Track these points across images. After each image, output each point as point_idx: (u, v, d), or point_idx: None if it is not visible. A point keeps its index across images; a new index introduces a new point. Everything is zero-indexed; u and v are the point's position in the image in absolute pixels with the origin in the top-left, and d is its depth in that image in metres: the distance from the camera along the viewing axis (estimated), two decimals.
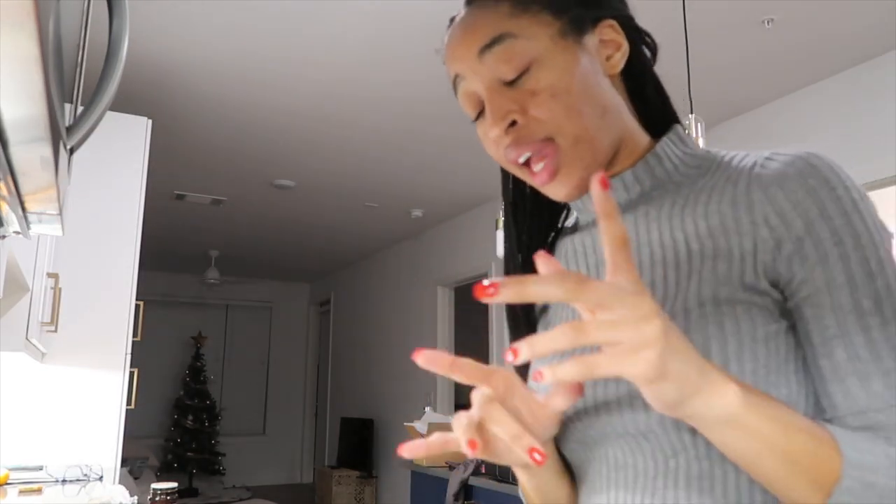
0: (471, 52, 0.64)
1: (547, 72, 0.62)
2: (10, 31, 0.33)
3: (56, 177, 0.58)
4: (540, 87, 0.62)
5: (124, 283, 2.98)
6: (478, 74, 0.64)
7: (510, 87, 0.63)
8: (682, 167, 0.67)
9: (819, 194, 0.56)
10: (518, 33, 0.63)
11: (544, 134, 0.62)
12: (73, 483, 2.51)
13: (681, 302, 0.59)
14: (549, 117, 0.62)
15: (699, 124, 2.13)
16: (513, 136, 0.63)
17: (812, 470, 0.48)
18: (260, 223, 5.81)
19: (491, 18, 0.64)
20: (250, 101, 3.35)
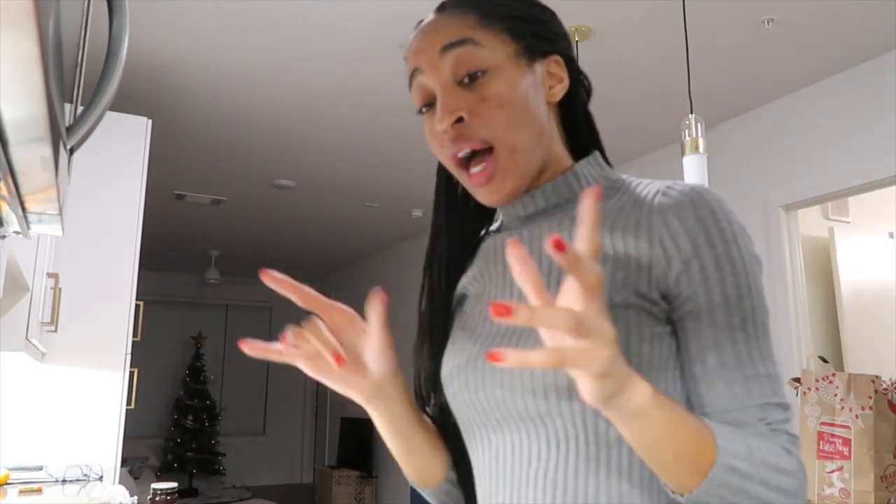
0: (434, 48, 0.71)
1: (498, 82, 0.69)
2: (10, 31, 0.33)
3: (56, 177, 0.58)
4: (490, 94, 0.69)
5: (124, 283, 2.98)
6: (435, 70, 0.70)
7: (462, 87, 0.70)
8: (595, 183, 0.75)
9: (706, 223, 0.65)
10: (480, 42, 0.70)
11: (485, 137, 0.69)
12: (73, 483, 2.51)
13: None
14: (493, 123, 0.69)
15: (699, 124, 2.13)
16: (456, 131, 0.69)
17: (696, 456, 0.56)
18: (260, 223, 5.81)
19: (457, 24, 0.71)
20: (250, 100, 3.35)
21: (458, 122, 0.69)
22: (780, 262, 3.20)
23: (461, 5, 0.73)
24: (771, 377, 0.63)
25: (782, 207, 3.23)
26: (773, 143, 3.30)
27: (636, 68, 2.95)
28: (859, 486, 2.27)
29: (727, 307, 0.63)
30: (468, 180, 0.71)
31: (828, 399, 2.39)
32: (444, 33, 0.71)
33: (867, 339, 3.44)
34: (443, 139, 0.71)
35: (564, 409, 0.64)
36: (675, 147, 3.69)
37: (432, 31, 0.72)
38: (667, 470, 0.57)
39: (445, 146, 0.71)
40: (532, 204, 0.75)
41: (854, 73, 2.95)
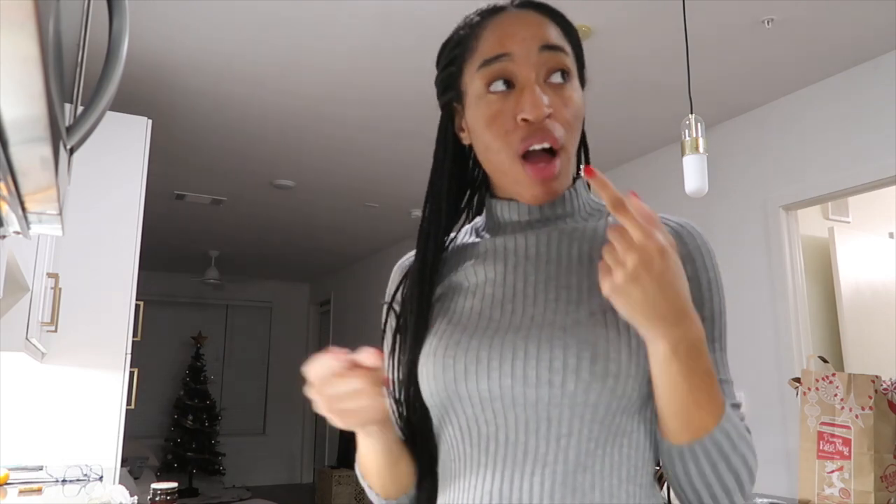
0: (534, 42, 0.73)
1: (576, 92, 0.75)
2: (10, 31, 0.33)
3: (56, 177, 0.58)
4: (570, 102, 0.74)
5: (124, 283, 2.98)
6: (529, 63, 0.73)
7: (548, 85, 0.73)
8: (586, 206, 0.81)
9: (702, 251, 0.75)
10: (568, 52, 0.75)
11: (561, 136, 0.73)
12: (73, 483, 2.51)
13: (586, 307, 0.71)
14: (567, 127, 0.73)
15: (699, 124, 2.13)
16: (539, 125, 0.72)
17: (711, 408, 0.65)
18: (260, 223, 5.81)
19: (553, 29, 0.75)
20: (250, 101, 3.35)
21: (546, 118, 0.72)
22: (780, 262, 3.20)
23: (548, 13, 0.77)
24: (731, 383, 0.74)
25: (782, 207, 3.23)
26: (773, 143, 3.30)
27: (636, 68, 2.95)
28: (859, 486, 2.27)
29: (711, 323, 0.74)
30: (531, 171, 0.72)
31: (828, 399, 2.39)
32: (545, 33, 0.74)
33: (867, 339, 3.45)
34: (514, 127, 0.72)
35: (566, 404, 0.66)
36: (675, 147, 3.69)
37: (533, 25, 0.74)
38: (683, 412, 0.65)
39: (519, 133, 0.72)
40: (538, 211, 0.79)
41: (854, 73, 2.96)
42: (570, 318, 0.69)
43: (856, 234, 3.67)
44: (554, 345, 0.68)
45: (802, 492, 2.46)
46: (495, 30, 0.75)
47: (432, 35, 2.69)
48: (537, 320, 0.70)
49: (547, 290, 0.73)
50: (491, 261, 0.78)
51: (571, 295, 0.72)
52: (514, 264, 0.76)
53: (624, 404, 0.67)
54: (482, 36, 0.76)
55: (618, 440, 0.68)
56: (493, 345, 0.70)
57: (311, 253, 7.10)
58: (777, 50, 2.80)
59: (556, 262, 0.75)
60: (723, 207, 3.50)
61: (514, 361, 0.68)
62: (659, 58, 2.84)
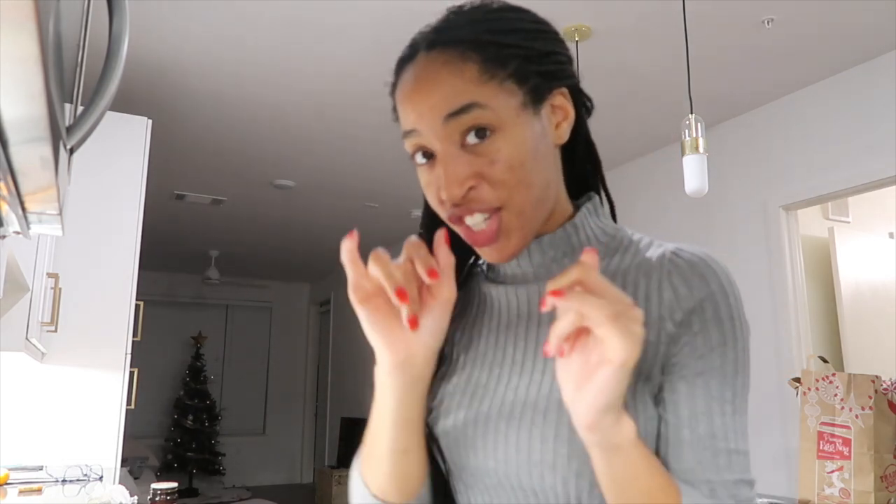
0: (436, 114, 0.64)
1: (507, 143, 0.64)
2: (10, 31, 0.33)
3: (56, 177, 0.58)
4: (499, 158, 0.64)
5: (124, 283, 2.98)
6: (437, 137, 0.65)
7: (466, 151, 0.64)
8: (594, 240, 0.72)
9: (716, 298, 0.66)
10: (485, 103, 0.64)
11: (496, 203, 0.65)
12: (73, 483, 2.51)
13: None
14: (503, 188, 0.64)
15: (699, 124, 2.13)
16: (466, 200, 0.65)
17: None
18: (260, 223, 5.81)
19: (458, 84, 0.64)
20: (250, 100, 3.35)
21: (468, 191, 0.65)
22: (780, 262, 3.20)
23: (459, 45, 0.65)
24: (747, 455, 0.66)
25: (782, 207, 3.23)
26: (773, 143, 3.30)
27: (636, 68, 2.95)
28: (859, 486, 2.27)
29: (723, 379, 0.65)
30: (469, 237, 0.67)
31: (828, 399, 2.39)
32: (447, 96, 0.64)
33: (867, 339, 3.44)
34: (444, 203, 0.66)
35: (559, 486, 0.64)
36: (675, 147, 3.69)
37: (432, 91, 0.65)
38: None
39: (447, 207, 0.66)
40: (528, 261, 0.72)
41: (854, 73, 2.95)
42: (553, 399, 0.65)
43: (856, 234, 3.67)
44: (532, 435, 0.64)
45: (802, 492, 2.46)
46: (403, 97, 0.67)
47: None
48: (520, 396, 0.67)
49: (536, 359, 0.68)
50: (486, 313, 0.74)
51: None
52: (507, 323, 0.72)
53: None
54: (397, 95, 0.69)
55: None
56: (478, 420, 0.68)
57: (311, 253, 7.10)
58: (777, 50, 2.80)
59: (547, 325, 0.68)
60: (723, 207, 3.50)
61: (496, 448, 0.66)
62: (659, 58, 2.84)
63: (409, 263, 0.64)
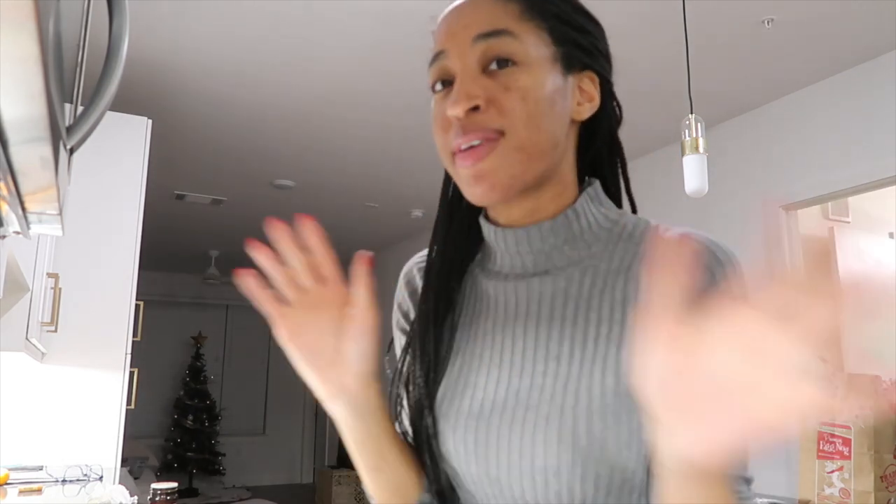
0: (467, 34, 0.64)
1: (527, 76, 0.63)
2: (10, 31, 0.33)
3: (56, 177, 0.58)
4: (515, 86, 0.63)
5: (124, 283, 2.98)
6: (462, 56, 0.64)
7: (486, 75, 0.64)
8: (596, 227, 0.70)
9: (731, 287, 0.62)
10: (518, 35, 0.64)
11: (498, 125, 0.63)
12: (73, 483, 2.51)
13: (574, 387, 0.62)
14: (511, 114, 0.63)
15: (699, 124, 2.13)
16: (468, 119, 0.63)
17: None
18: (260, 223, 5.78)
19: (497, 11, 0.65)
20: (250, 101, 3.35)
21: (473, 111, 0.63)
22: (780, 262, 3.20)
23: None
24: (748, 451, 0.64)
25: (782, 207, 3.23)
26: (773, 143, 3.30)
27: (636, 68, 2.95)
28: (859, 486, 2.27)
29: None
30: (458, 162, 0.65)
31: None
32: (483, 19, 0.64)
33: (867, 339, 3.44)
34: (449, 126, 0.65)
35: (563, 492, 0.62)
36: (675, 147, 3.69)
37: (469, 14, 0.65)
38: None
39: (451, 133, 0.65)
40: (528, 247, 0.70)
41: (854, 73, 2.95)
42: (556, 405, 0.63)
43: (856, 234, 3.67)
44: (536, 440, 0.62)
45: (802, 492, 2.46)
46: (441, 20, 0.68)
47: None
48: (521, 399, 0.64)
49: (535, 361, 0.66)
50: (483, 312, 0.72)
51: (561, 369, 0.64)
52: (504, 322, 0.69)
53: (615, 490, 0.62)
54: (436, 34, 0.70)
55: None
56: (478, 426, 0.66)
57: None
58: (777, 50, 2.80)
59: (547, 324, 0.67)
60: (723, 207, 3.50)
61: (498, 454, 0.64)
62: (659, 58, 2.84)
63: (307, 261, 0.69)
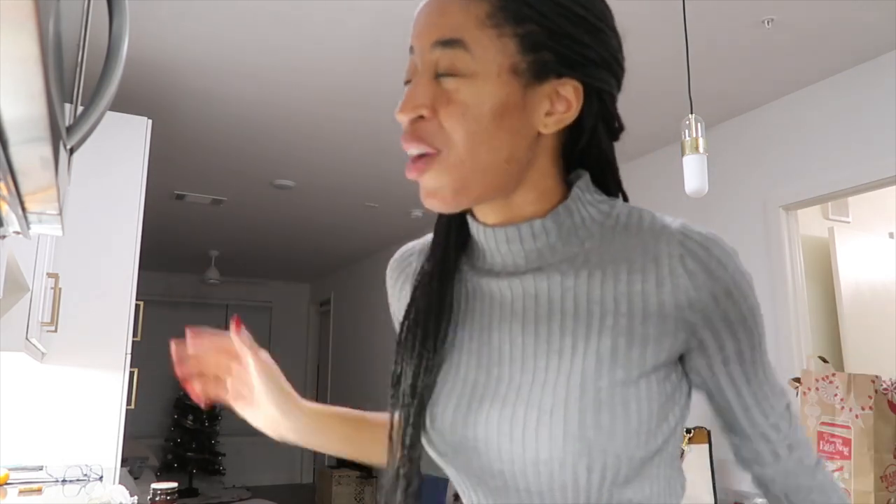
0: (428, 38, 0.65)
1: (470, 91, 0.62)
2: (10, 31, 0.33)
3: (56, 177, 0.58)
4: (457, 99, 0.63)
5: (124, 283, 2.98)
6: (422, 57, 0.66)
7: (436, 81, 0.64)
8: (589, 221, 0.69)
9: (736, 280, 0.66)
10: (471, 45, 0.62)
11: (437, 143, 0.64)
12: (73, 483, 2.51)
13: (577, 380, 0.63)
14: (449, 132, 0.63)
15: (699, 124, 2.13)
16: (413, 127, 0.65)
17: None
18: (260, 223, 5.81)
19: (459, 17, 0.63)
20: (250, 100, 3.35)
21: (419, 119, 0.64)
22: (780, 262, 3.20)
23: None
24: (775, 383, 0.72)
25: (782, 207, 3.23)
26: (773, 143, 3.30)
27: (636, 68, 2.93)
28: (859, 486, 2.27)
29: (752, 350, 0.68)
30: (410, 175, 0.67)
31: (828, 399, 2.39)
32: (443, 23, 0.64)
33: (867, 339, 3.44)
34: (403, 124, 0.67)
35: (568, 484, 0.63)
36: (675, 147, 3.69)
37: (434, 14, 0.65)
38: None
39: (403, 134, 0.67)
40: (520, 247, 0.69)
41: (854, 73, 2.95)
42: (559, 397, 0.63)
43: (856, 234, 3.67)
44: (540, 433, 0.62)
45: None
46: (415, 19, 0.68)
47: None
48: (523, 395, 0.65)
49: (536, 357, 0.66)
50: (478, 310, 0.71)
51: (563, 363, 0.64)
52: (501, 319, 0.69)
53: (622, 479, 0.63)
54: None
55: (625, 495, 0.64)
56: (478, 422, 0.66)
57: (311, 253, 7.10)
58: (777, 50, 2.80)
59: (546, 320, 0.67)
60: (723, 207, 3.50)
61: (500, 449, 0.64)
62: (659, 58, 2.84)
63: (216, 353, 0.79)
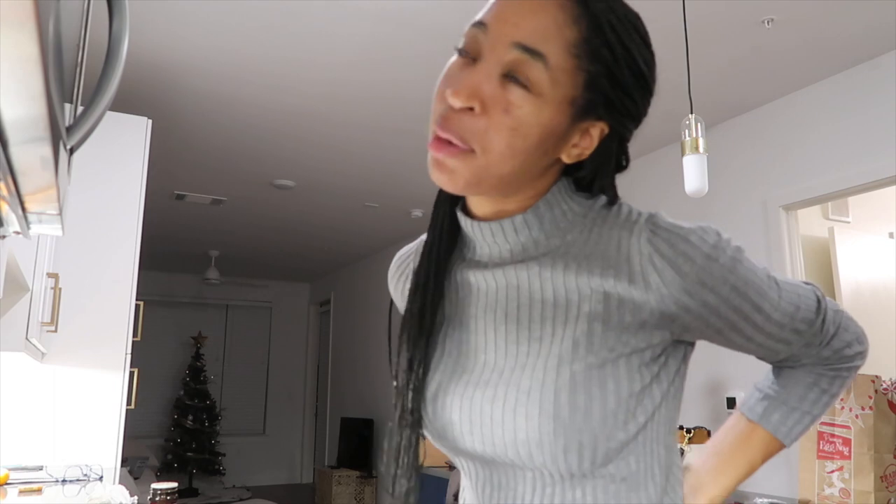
0: (511, 33, 0.62)
1: (532, 109, 0.62)
2: (10, 31, 0.33)
3: (56, 177, 0.58)
4: (514, 111, 0.61)
5: (124, 283, 2.98)
6: (495, 48, 0.62)
7: (501, 80, 0.62)
8: (571, 214, 0.70)
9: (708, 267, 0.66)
10: (553, 68, 0.61)
11: (474, 143, 0.62)
12: (73, 483, 2.51)
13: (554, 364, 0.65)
14: (493, 137, 0.62)
15: (699, 124, 2.13)
16: (457, 115, 0.62)
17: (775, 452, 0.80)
18: (260, 223, 5.81)
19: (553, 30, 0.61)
20: (250, 101, 3.35)
21: (468, 110, 0.62)
22: (780, 262, 3.20)
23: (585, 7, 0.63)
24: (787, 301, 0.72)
25: (782, 207, 3.23)
26: (773, 143, 3.30)
27: None
28: (859, 486, 2.27)
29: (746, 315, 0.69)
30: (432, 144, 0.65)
31: None
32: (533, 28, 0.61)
33: None
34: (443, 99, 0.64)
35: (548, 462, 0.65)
36: (675, 147, 3.69)
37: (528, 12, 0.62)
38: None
39: (438, 111, 0.64)
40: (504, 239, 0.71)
41: (854, 73, 2.95)
42: (536, 380, 0.65)
43: (856, 234, 3.67)
44: (517, 413, 0.65)
45: (802, 492, 2.46)
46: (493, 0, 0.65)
47: (432, 34, 2.69)
48: (504, 378, 0.67)
49: (518, 343, 0.69)
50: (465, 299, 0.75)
51: (543, 348, 0.67)
52: (486, 307, 0.72)
53: (601, 458, 0.65)
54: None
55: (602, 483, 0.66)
56: (462, 406, 0.70)
57: (311, 253, 7.10)
58: (777, 50, 2.80)
59: (527, 308, 0.69)
60: (723, 207, 3.50)
61: (482, 429, 0.67)
62: (659, 57, 2.83)
63: None
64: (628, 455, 0.66)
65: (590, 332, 0.66)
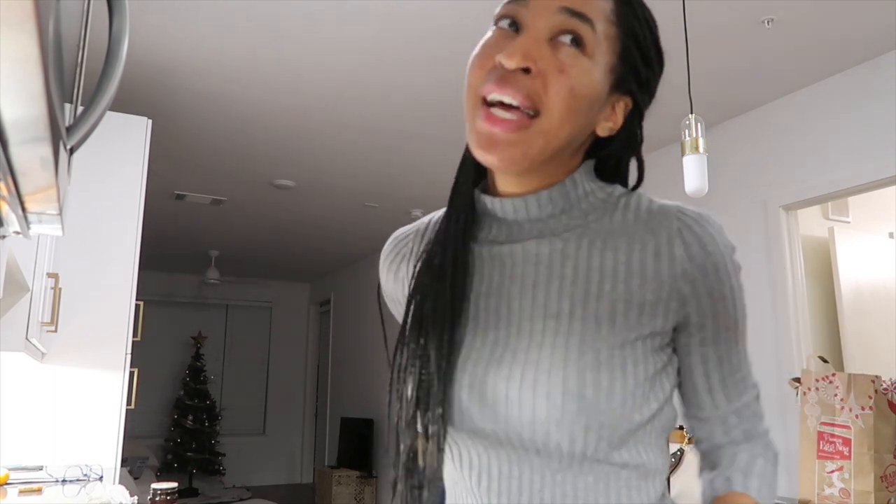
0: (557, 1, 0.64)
1: (585, 67, 0.64)
2: (10, 31, 0.33)
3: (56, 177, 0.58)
4: (571, 71, 0.63)
5: (124, 283, 2.98)
6: (540, 16, 0.64)
7: (550, 44, 0.64)
8: (592, 196, 0.72)
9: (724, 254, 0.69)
10: (598, 31, 0.65)
11: (537, 103, 0.63)
12: (73, 483, 2.51)
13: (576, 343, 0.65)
14: (553, 97, 0.63)
15: (699, 124, 2.13)
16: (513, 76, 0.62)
17: None
18: (260, 223, 5.81)
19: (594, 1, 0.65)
20: (250, 101, 3.35)
21: (523, 71, 0.62)
22: (780, 262, 3.20)
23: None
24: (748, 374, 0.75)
25: (782, 207, 3.23)
26: (773, 143, 3.30)
27: None
28: (859, 486, 2.27)
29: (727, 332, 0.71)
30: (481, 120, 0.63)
31: (828, 399, 2.39)
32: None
33: (867, 339, 3.44)
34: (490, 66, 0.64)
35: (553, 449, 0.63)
36: (675, 147, 3.69)
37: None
38: None
39: (488, 74, 0.63)
40: (525, 214, 0.71)
41: (854, 73, 2.95)
42: (557, 357, 0.64)
43: (856, 234, 3.67)
44: (537, 392, 0.63)
45: (802, 492, 2.46)
46: None
47: (433, 34, 2.69)
48: (520, 356, 0.65)
49: (533, 320, 0.67)
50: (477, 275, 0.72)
51: (561, 326, 0.65)
52: (500, 284, 0.70)
53: (617, 439, 0.64)
54: None
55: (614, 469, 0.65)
56: (472, 384, 0.66)
57: (311, 253, 7.10)
58: (777, 50, 2.80)
59: (545, 284, 0.68)
60: (723, 207, 3.50)
61: (496, 408, 0.65)
62: None
63: None
64: (638, 443, 0.66)
65: (612, 311, 0.66)
